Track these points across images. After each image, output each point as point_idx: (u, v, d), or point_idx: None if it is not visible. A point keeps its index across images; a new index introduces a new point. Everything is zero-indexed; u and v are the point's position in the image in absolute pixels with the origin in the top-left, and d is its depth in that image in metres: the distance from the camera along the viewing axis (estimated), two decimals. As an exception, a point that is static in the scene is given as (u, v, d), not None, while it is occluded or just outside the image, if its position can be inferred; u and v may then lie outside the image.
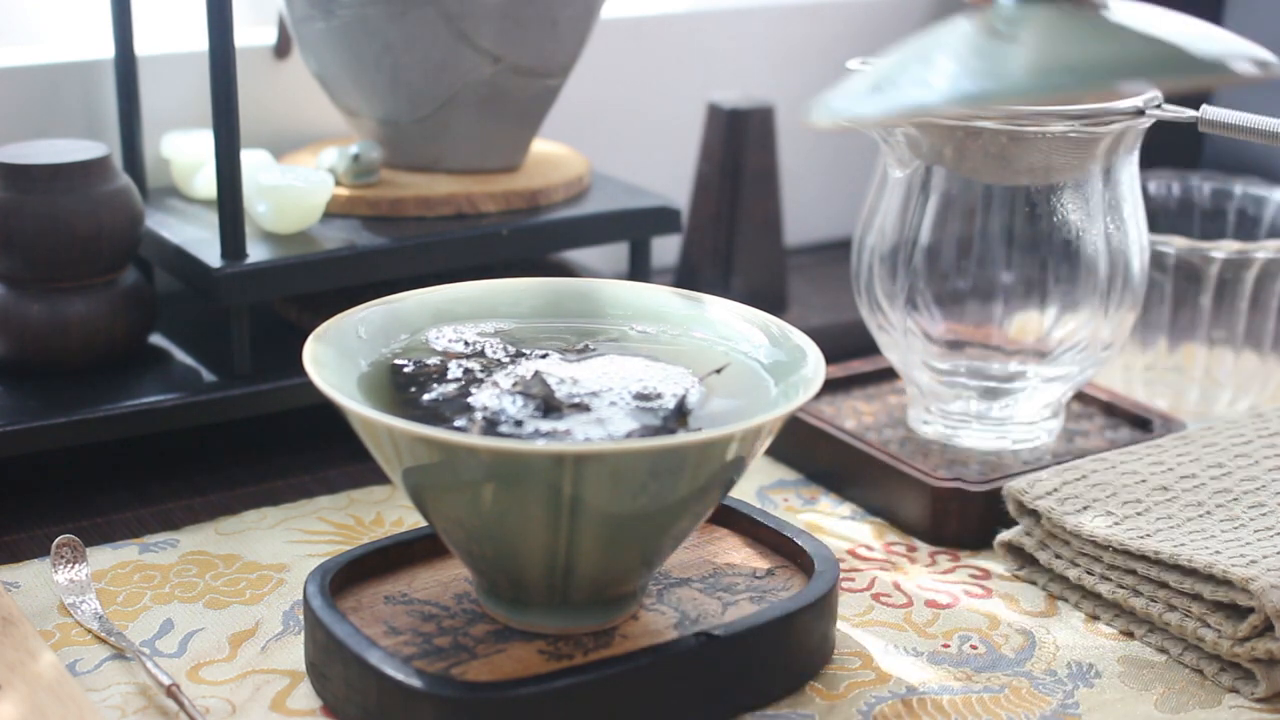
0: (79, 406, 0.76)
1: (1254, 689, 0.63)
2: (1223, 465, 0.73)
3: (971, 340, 0.79)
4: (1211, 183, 0.97)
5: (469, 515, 0.57)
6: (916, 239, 0.77)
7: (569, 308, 0.68)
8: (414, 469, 0.56)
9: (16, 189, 0.78)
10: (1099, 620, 0.69)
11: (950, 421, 0.80)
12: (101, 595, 0.69)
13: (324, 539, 0.74)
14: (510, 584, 0.60)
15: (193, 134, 0.91)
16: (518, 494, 0.55)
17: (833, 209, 1.15)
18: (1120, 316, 0.78)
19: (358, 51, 0.85)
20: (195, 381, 0.80)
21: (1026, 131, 0.72)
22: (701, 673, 0.61)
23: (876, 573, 0.72)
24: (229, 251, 0.79)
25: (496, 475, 0.55)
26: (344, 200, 0.85)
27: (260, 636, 0.66)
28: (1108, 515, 0.69)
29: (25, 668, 0.61)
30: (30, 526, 0.74)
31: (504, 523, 0.56)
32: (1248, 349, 0.88)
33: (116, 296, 0.81)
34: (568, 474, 0.53)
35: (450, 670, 0.60)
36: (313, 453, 0.82)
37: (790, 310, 0.99)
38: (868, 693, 0.63)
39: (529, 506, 0.55)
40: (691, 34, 1.08)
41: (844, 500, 0.79)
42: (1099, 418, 0.84)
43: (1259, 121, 0.70)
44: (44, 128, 0.90)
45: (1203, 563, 0.64)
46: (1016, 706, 0.62)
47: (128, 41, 0.87)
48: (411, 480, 0.57)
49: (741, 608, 0.64)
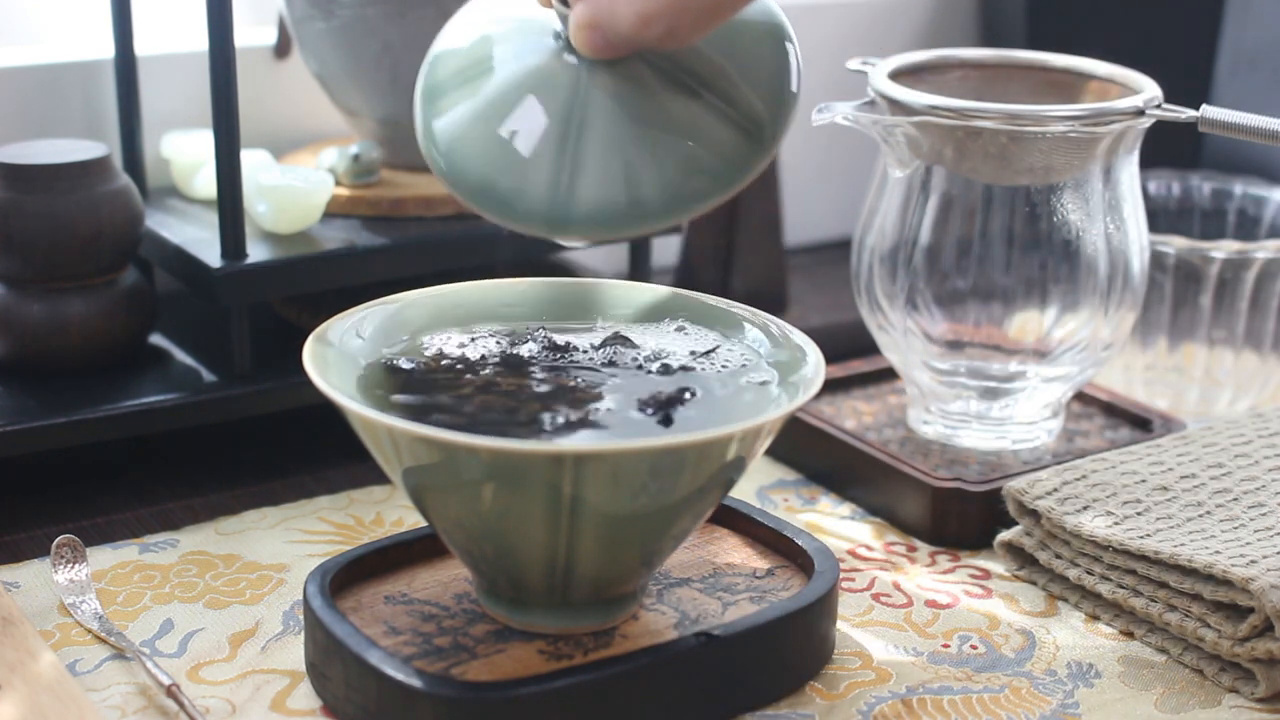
0: (79, 406, 0.76)
1: (1254, 689, 0.63)
2: (1223, 465, 0.73)
3: (971, 340, 0.79)
4: (1211, 183, 0.97)
5: (469, 515, 0.57)
6: (916, 239, 0.77)
7: (569, 308, 0.68)
8: (414, 469, 0.56)
9: (16, 189, 0.78)
10: (1099, 620, 0.69)
11: (950, 421, 0.80)
12: (101, 595, 0.69)
13: (324, 539, 0.74)
14: (510, 584, 0.60)
15: (193, 134, 0.91)
16: (517, 494, 0.55)
17: (833, 209, 1.14)
18: (1120, 316, 0.78)
19: (358, 51, 0.85)
20: (195, 381, 0.80)
21: (1026, 131, 0.72)
22: (701, 673, 0.61)
23: (876, 573, 0.72)
24: (229, 251, 0.79)
25: (496, 475, 0.55)
26: (344, 200, 0.85)
27: (260, 636, 0.66)
28: (1108, 515, 0.69)
29: (25, 668, 0.61)
30: (30, 526, 0.74)
31: (504, 523, 0.56)
32: (1248, 349, 0.88)
33: (116, 296, 0.81)
34: (567, 474, 0.53)
35: (450, 670, 0.60)
36: (313, 453, 0.82)
37: (790, 310, 0.99)
38: (868, 693, 0.63)
39: (528, 506, 0.55)
40: (691, 34, 1.08)
41: (844, 500, 0.79)
42: (1099, 418, 0.84)
43: (1259, 121, 0.70)
44: (44, 128, 0.90)
45: (1203, 563, 0.64)
46: (1016, 706, 0.62)
47: (128, 41, 0.87)
48: (411, 480, 0.57)
49: (741, 608, 0.64)
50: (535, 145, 0.58)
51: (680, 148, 0.58)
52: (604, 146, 0.58)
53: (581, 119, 0.58)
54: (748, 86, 0.60)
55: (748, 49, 0.60)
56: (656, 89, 0.59)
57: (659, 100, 0.59)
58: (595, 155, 0.58)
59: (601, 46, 0.58)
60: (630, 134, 0.58)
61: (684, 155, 0.58)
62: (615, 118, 0.58)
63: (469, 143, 0.59)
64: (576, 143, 0.58)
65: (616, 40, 0.57)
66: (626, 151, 0.58)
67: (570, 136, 0.58)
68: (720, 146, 0.59)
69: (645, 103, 0.58)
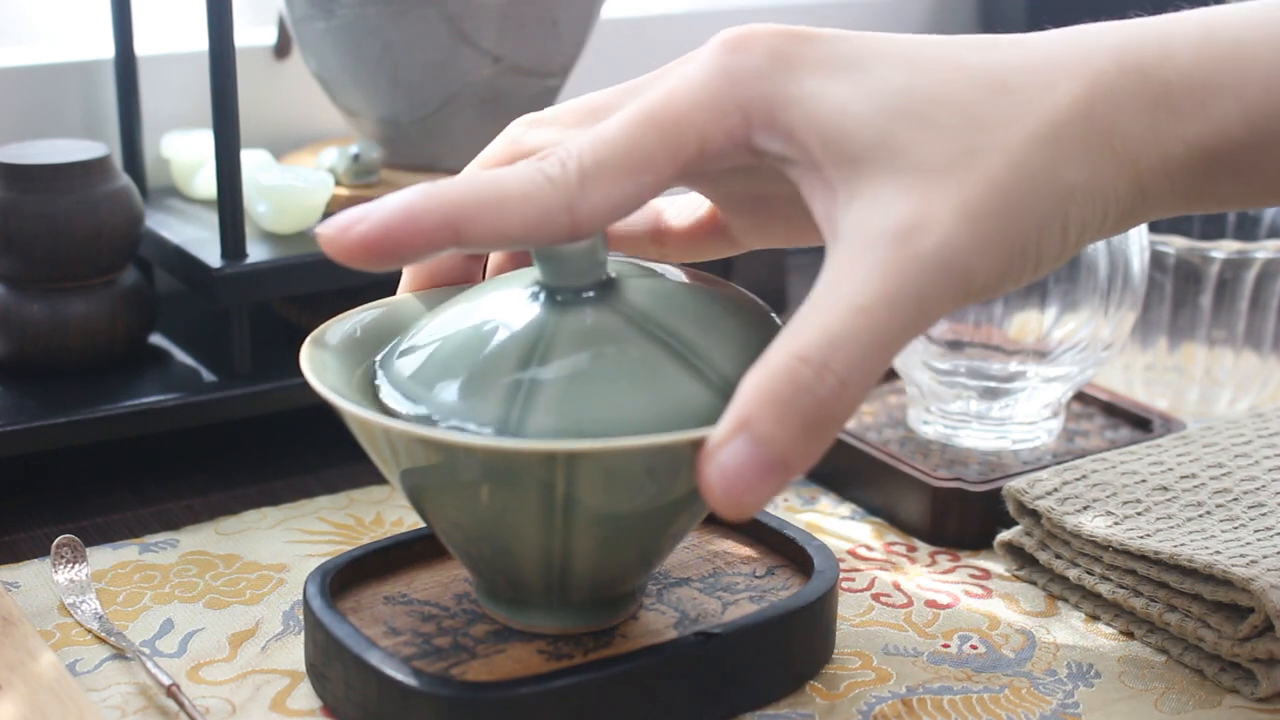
0: (79, 406, 0.76)
1: (1254, 689, 0.63)
2: (1223, 465, 0.73)
3: (971, 340, 0.79)
4: (1211, 183, 0.97)
5: (465, 516, 0.57)
6: (916, 239, 0.77)
7: None
8: (410, 470, 0.56)
9: (16, 189, 0.78)
10: (1099, 620, 0.69)
11: (950, 421, 0.80)
12: (101, 595, 0.69)
13: (324, 539, 0.74)
14: (509, 584, 0.60)
15: (193, 134, 0.91)
16: (512, 494, 0.55)
17: (833, 209, 1.14)
18: (1120, 316, 0.78)
19: (358, 51, 0.85)
20: (195, 381, 0.80)
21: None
22: (701, 673, 0.61)
23: (876, 573, 0.72)
24: (229, 251, 0.79)
25: (490, 475, 0.54)
26: (344, 200, 0.85)
27: (260, 637, 0.66)
28: (1108, 515, 0.69)
29: (25, 668, 0.61)
30: (30, 526, 0.74)
31: (500, 523, 0.56)
32: (1248, 349, 0.88)
33: (116, 296, 0.81)
34: (560, 473, 0.53)
35: (450, 670, 0.60)
36: (313, 453, 0.82)
37: (790, 310, 0.99)
38: (868, 693, 0.63)
39: (523, 506, 0.55)
40: (691, 34, 1.08)
41: (844, 500, 0.79)
42: (1099, 418, 0.84)
43: (1259, 122, 0.69)
44: (44, 128, 0.90)
45: (1203, 563, 0.64)
46: (1016, 706, 0.62)
47: (128, 41, 0.87)
48: (409, 482, 0.57)
49: (741, 607, 0.64)
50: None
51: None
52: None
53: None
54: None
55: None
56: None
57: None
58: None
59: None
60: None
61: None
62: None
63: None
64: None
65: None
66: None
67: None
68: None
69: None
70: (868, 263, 0.49)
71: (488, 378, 0.55)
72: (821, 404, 0.48)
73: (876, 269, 0.49)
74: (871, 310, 0.48)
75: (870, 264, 0.49)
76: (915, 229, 0.49)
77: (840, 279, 0.49)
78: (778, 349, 0.49)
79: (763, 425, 0.48)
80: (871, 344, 0.48)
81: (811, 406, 0.48)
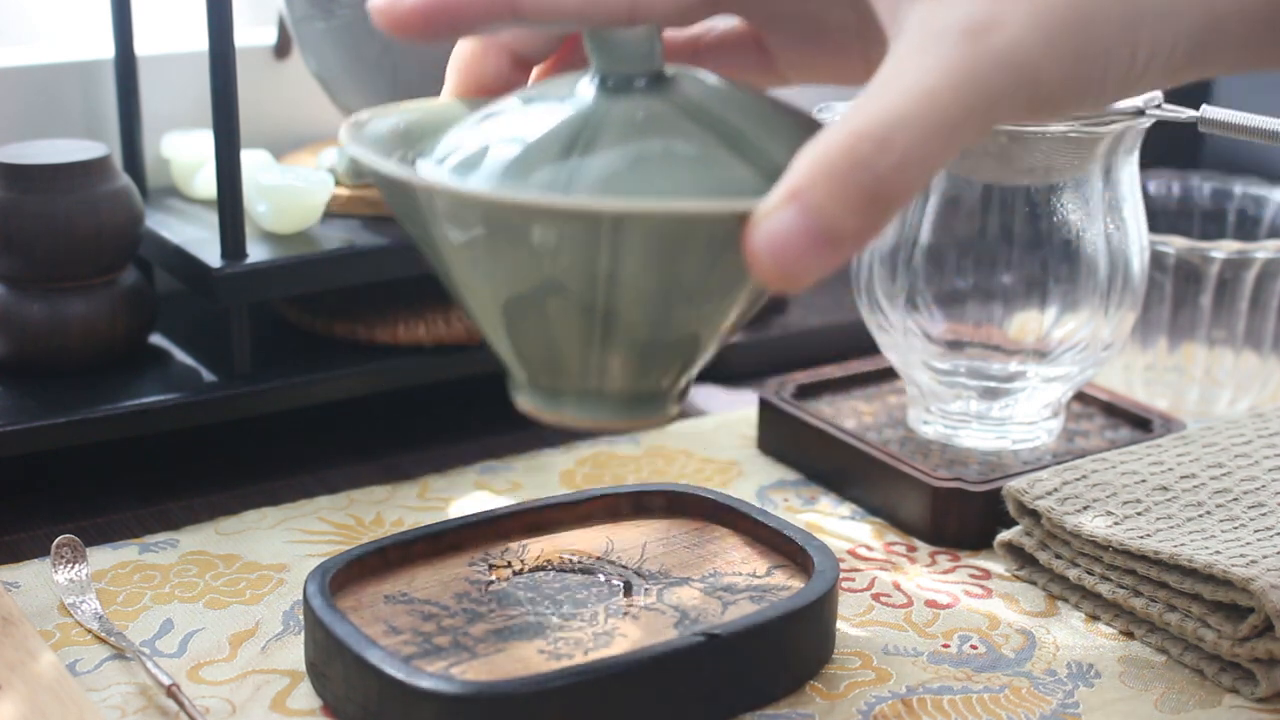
0: (79, 406, 0.76)
1: (1254, 689, 0.63)
2: (1223, 465, 0.73)
3: (971, 340, 0.79)
4: (1211, 183, 0.97)
5: (507, 288, 0.54)
6: (916, 239, 0.77)
7: None
8: (451, 237, 0.53)
9: (16, 189, 0.78)
10: (1099, 620, 0.69)
11: (950, 421, 0.80)
12: (101, 595, 0.69)
13: (324, 539, 0.74)
14: (545, 366, 0.57)
15: (193, 134, 0.91)
16: (555, 259, 0.52)
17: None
18: (1120, 316, 0.78)
19: (358, 51, 0.85)
20: (195, 381, 0.80)
21: (1027, 131, 0.72)
22: (701, 673, 0.61)
23: (876, 573, 0.72)
24: (229, 251, 0.79)
25: (534, 236, 0.52)
26: (344, 200, 0.85)
27: (260, 636, 0.66)
28: (1108, 515, 0.69)
29: (25, 668, 0.61)
30: (30, 526, 0.74)
31: (543, 292, 0.53)
32: (1248, 349, 0.88)
33: (116, 296, 0.81)
34: (604, 236, 0.51)
35: (450, 670, 0.60)
36: (313, 453, 0.82)
37: (790, 310, 0.99)
38: (868, 693, 0.63)
39: (567, 271, 0.52)
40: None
41: (844, 500, 0.79)
42: (1099, 418, 0.84)
43: (1259, 121, 0.70)
44: (44, 128, 0.90)
45: (1203, 563, 0.64)
46: (1016, 706, 0.62)
47: (128, 41, 0.87)
48: (448, 253, 0.54)
49: (741, 607, 0.64)
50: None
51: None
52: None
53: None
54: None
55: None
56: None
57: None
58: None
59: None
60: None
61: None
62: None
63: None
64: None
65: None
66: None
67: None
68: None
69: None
70: (934, 53, 0.47)
71: (534, 158, 0.53)
72: (879, 179, 0.46)
73: (944, 59, 0.47)
74: (937, 94, 0.47)
75: (937, 54, 0.47)
76: (987, 26, 0.47)
77: (904, 67, 0.47)
78: (836, 127, 0.47)
79: (815, 195, 0.46)
80: (936, 127, 0.47)
81: (869, 181, 0.46)
